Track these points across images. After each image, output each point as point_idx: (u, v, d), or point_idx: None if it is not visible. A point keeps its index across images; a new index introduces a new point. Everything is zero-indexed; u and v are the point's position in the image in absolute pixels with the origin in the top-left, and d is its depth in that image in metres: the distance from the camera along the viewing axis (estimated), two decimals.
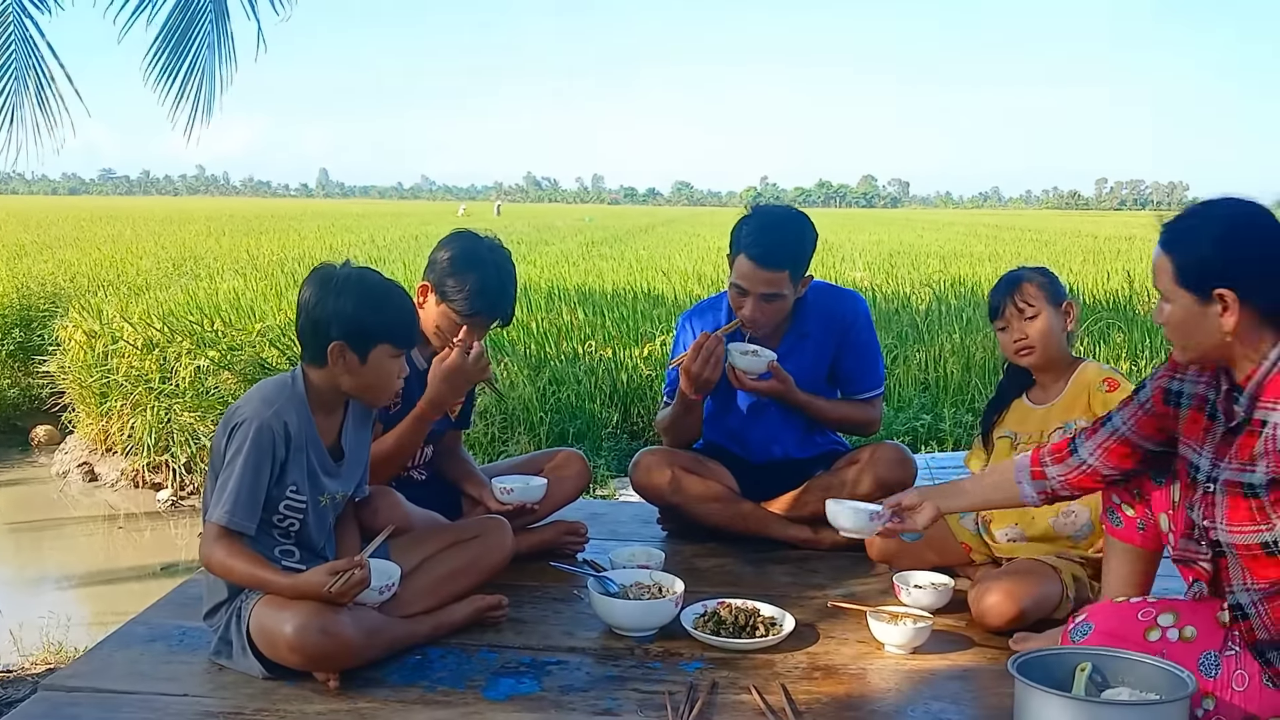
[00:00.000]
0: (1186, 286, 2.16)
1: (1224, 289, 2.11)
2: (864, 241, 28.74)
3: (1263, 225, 2.15)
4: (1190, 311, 2.17)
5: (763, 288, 3.38)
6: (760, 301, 3.40)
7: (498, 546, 3.03)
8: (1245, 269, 2.11)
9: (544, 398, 7.68)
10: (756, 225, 3.42)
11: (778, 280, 3.38)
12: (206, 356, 8.40)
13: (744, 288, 3.40)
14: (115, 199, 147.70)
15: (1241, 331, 2.13)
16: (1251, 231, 2.15)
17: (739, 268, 3.41)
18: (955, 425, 7.16)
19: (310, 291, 2.59)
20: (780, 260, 3.37)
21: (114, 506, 7.83)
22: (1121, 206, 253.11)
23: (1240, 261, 2.12)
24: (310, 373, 2.63)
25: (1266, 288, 2.11)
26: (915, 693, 2.56)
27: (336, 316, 2.55)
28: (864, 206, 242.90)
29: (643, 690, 2.53)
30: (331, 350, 2.56)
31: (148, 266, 17.15)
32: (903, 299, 12.50)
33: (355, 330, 2.55)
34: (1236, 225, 2.16)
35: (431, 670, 2.62)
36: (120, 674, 2.60)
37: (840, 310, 3.66)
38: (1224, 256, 2.12)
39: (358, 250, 22.65)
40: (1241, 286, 2.11)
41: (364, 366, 2.59)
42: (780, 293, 3.40)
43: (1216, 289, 2.12)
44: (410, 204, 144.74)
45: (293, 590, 2.44)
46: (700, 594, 3.00)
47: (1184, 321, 2.19)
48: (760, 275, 3.36)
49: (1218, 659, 2.21)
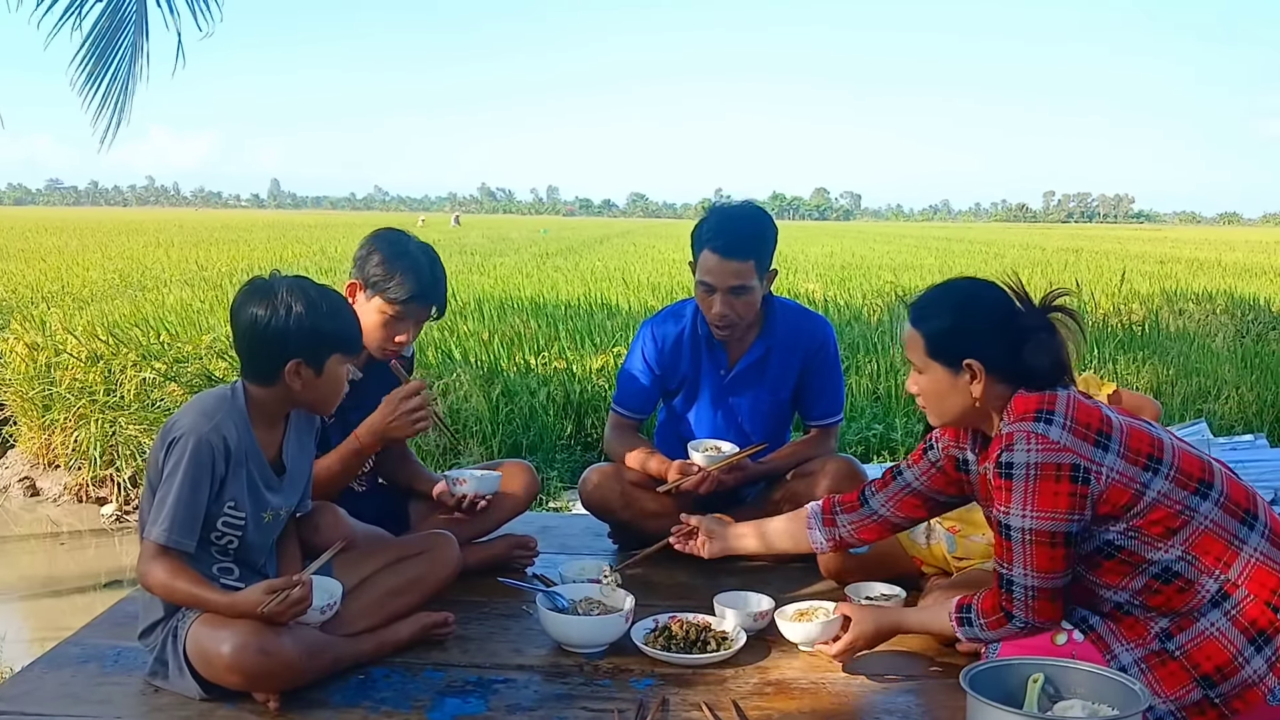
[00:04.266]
0: (936, 358, 2.39)
1: (972, 359, 2.33)
2: (817, 254, 28.90)
3: (999, 302, 2.41)
4: (942, 380, 2.41)
5: (731, 280, 3.37)
6: (729, 296, 3.39)
7: (444, 562, 2.98)
8: (990, 342, 2.35)
9: (496, 409, 7.61)
10: (717, 220, 3.42)
11: (744, 271, 3.37)
12: (152, 369, 8.26)
13: (711, 284, 3.39)
14: (62, 210, 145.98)
15: (987, 397, 2.37)
16: (990, 307, 2.41)
17: (704, 264, 3.39)
18: (906, 435, 7.17)
19: (256, 310, 2.50)
20: (745, 250, 3.36)
21: (56, 522, 7.65)
22: (1069, 219, 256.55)
23: (985, 334, 2.37)
24: (253, 388, 2.57)
25: (1008, 359, 2.35)
26: (868, 706, 2.54)
27: (291, 334, 2.48)
28: (817, 219, 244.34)
29: (592, 709, 2.49)
30: (290, 368, 2.50)
31: (94, 278, 16.89)
32: (855, 311, 12.57)
33: (311, 344, 2.50)
34: (978, 302, 2.40)
35: (375, 690, 2.56)
36: (50, 697, 2.52)
37: (810, 330, 3.66)
38: (971, 330, 2.36)
39: (309, 261, 22.44)
40: (986, 357, 2.34)
41: (319, 379, 2.55)
42: (748, 284, 3.39)
43: (966, 359, 2.33)
44: (364, 215, 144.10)
45: (229, 609, 2.37)
46: (651, 608, 2.96)
47: (937, 390, 2.43)
48: (727, 267, 3.35)
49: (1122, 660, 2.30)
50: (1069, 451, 2.20)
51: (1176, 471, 2.24)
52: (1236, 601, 2.22)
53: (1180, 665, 2.23)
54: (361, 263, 3.12)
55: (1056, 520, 2.21)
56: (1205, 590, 2.24)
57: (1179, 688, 2.23)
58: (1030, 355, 2.34)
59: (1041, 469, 2.20)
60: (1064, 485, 2.20)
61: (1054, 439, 2.21)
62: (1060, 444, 2.21)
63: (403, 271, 3.06)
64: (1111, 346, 9.49)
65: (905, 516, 2.74)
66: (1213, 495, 2.25)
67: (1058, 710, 2.16)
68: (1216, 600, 2.24)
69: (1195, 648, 2.23)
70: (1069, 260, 23.21)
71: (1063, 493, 2.20)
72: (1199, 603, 2.25)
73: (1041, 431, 2.22)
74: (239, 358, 2.60)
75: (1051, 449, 2.20)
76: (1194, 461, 2.28)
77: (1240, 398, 7.89)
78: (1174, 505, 2.23)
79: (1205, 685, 2.21)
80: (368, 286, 3.08)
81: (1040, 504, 2.21)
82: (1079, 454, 2.20)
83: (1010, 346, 2.34)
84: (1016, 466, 2.22)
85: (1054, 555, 2.25)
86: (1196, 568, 2.24)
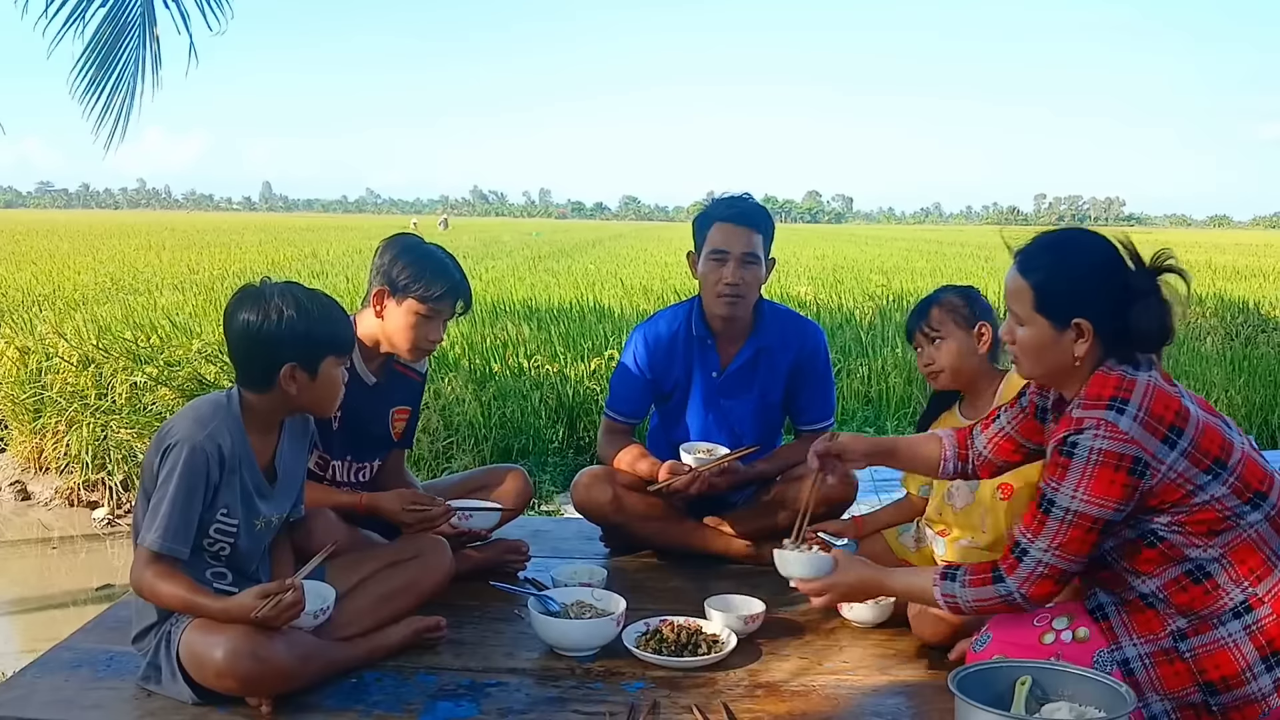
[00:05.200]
0: (1044, 312, 2.30)
1: (1082, 319, 2.26)
2: (809, 257, 28.96)
3: (1114, 261, 2.29)
4: (1046, 336, 2.31)
5: (742, 248, 3.47)
6: (740, 265, 3.47)
7: (437, 567, 2.99)
8: (1101, 302, 2.25)
9: (488, 413, 7.62)
10: (724, 198, 3.59)
11: (755, 241, 3.49)
12: (144, 372, 8.25)
13: (725, 251, 3.48)
14: (53, 213, 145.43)
15: (1087, 357, 2.29)
16: (1106, 266, 2.29)
17: (716, 234, 3.50)
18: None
19: (248, 317, 2.51)
20: (756, 219, 3.50)
21: (48, 526, 7.63)
22: (1060, 222, 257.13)
23: (1097, 294, 2.26)
24: (249, 395, 2.58)
25: (1115, 320, 2.25)
26: (857, 709, 2.55)
27: (285, 339, 2.49)
28: (809, 222, 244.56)
29: (583, 711, 2.50)
30: (285, 373, 2.51)
31: (85, 281, 16.84)
32: (847, 313, 12.59)
33: (305, 349, 2.52)
34: (1094, 259, 2.30)
35: (368, 694, 2.57)
36: (43, 701, 2.52)
37: (803, 335, 3.70)
38: (1084, 289, 2.27)
39: (300, 264, 22.42)
40: (1096, 317, 2.25)
41: (314, 382, 2.56)
42: (757, 254, 3.50)
43: (1076, 318, 2.26)
44: (355, 218, 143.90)
45: (223, 614, 2.38)
46: (643, 612, 2.97)
47: (1039, 345, 2.33)
48: (739, 234, 3.47)
49: (1110, 660, 2.30)
50: (1135, 444, 2.16)
51: (1237, 479, 2.21)
52: (1258, 617, 2.20)
53: (1188, 667, 2.23)
54: (385, 269, 3.14)
55: (1105, 508, 2.18)
56: (1230, 598, 2.22)
57: (1180, 688, 2.23)
58: (1138, 319, 2.26)
59: (1104, 456, 2.16)
60: (1121, 476, 2.16)
61: (1123, 429, 2.17)
62: (1128, 435, 2.17)
63: (431, 271, 3.11)
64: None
65: (1003, 460, 2.66)
66: (1264, 507, 2.23)
67: (1045, 712, 2.17)
68: (1239, 611, 2.22)
69: (1206, 654, 2.22)
70: None
71: (1118, 482, 2.17)
72: (1220, 609, 2.23)
73: (1112, 420, 2.17)
74: (234, 365, 2.61)
75: (1119, 439, 2.16)
76: (1257, 472, 2.25)
77: (1230, 400, 7.92)
78: (1224, 510, 2.20)
79: (1207, 691, 2.21)
80: (396, 291, 3.11)
81: (1094, 489, 2.18)
82: (1143, 448, 2.17)
83: (1119, 309, 2.26)
84: (1080, 448, 2.18)
85: (1086, 540, 2.22)
86: (1229, 574, 2.22)
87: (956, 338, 3.05)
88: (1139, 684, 2.25)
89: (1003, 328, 2.42)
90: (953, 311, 3.07)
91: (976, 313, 3.07)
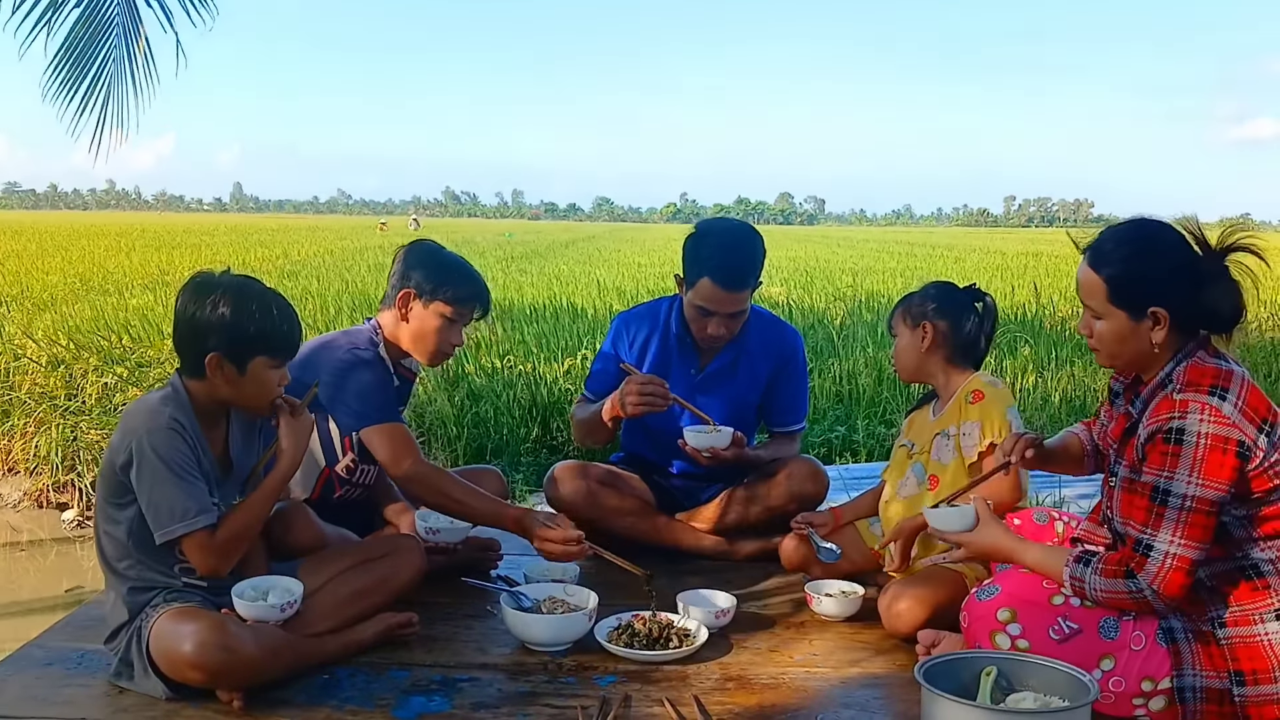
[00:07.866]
0: (1120, 305, 2.34)
1: (1158, 308, 2.30)
2: (781, 258, 28.98)
3: (1183, 247, 2.33)
4: (1123, 327, 2.36)
5: (730, 308, 3.43)
6: (726, 320, 3.45)
7: (408, 565, 2.99)
8: (1174, 289, 2.30)
9: (461, 413, 7.61)
10: (718, 247, 3.42)
11: (744, 299, 3.45)
12: (114, 373, 8.20)
13: (710, 310, 3.42)
14: (20, 213, 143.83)
15: (1166, 343, 2.34)
16: (1176, 253, 2.33)
17: (703, 291, 3.40)
18: (869, 437, 7.22)
19: (186, 300, 2.52)
20: (747, 281, 3.43)
21: (16, 528, 7.57)
22: (1029, 224, 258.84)
23: (1170, 281, 2.30)
24: (190, 384, 2.57)
25: (1189, 305, 2.30)
26: (827, 700, 2.58)
27: (213, 327, 2.49)
28: (781, 224, 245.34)
29: (555, 705, 2.52)
30: (209, 361, 2.50)
31: (54, 282, 16.66)
32: (818, 314, 12.63)
33: (232, 341, 2.50)
34: (1163, 247, 2.34)
35: (340, 689, 2.58)
36: (13, 699, 2.52)
37: (781, 340, 3.72)
38: (1157, 278, 2.31)
39: (270, 265, 22.29)
40: (1172, 305, 2.29)
41: (242, 378, 2.54)
42: (744, 309, 3.49)
43: (1152, 308, 2.30)
44: (326, 218, 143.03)
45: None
46: (615, 607, 2.99)
47: (1118, 336, 2.37)
48: (730, 298, 3.40)
49: (1116, 622, 2.35)
50: (1237, 428, 2.21)
51: None
52: None
53: (1222, 653, 2.27)
54: (407, 274, 3.18)
55: (1220, 490, 2.20)
56: (1277, 601, 2.28)
57: (1213, 670, 2.27)
58: (1211, 301, 2.31)
59: (1212, 439, 2.20)
60: (1230, 459, 2.20)
61: (1226, 414, 2.21)
62: (1231, 420, 2.21)
63: (456, 274, 3.17)
64: (1069, 349, 9.56)
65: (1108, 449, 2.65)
66: None
67: (1010, 702, 2.21)
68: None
69: (1242, 645, 2.27)
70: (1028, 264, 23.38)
71: (1227, 465, 2.20)
72: (1265, 608, 2.28)
73: (1216, 404, 2.21)
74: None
75: (1224, 423, 2.20)
76: None
77: None
78: None
79: (1234, 680, 2.25)
80: (422, 295, 3.14)
81: (1208, 472, 2.20)
82: (1245, 433, 2.21)
83: (1192, 293, 2.31)
84: (1189, 434, 2.21)
85: (1207, 525, 2.23)
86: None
87: (903, 335, 3.20)
88: (1180, 653, 2.29)
89: (1080, 322, 2.47)
90: (906, 311, 3.22)
91: (927, 312, 3.16)
